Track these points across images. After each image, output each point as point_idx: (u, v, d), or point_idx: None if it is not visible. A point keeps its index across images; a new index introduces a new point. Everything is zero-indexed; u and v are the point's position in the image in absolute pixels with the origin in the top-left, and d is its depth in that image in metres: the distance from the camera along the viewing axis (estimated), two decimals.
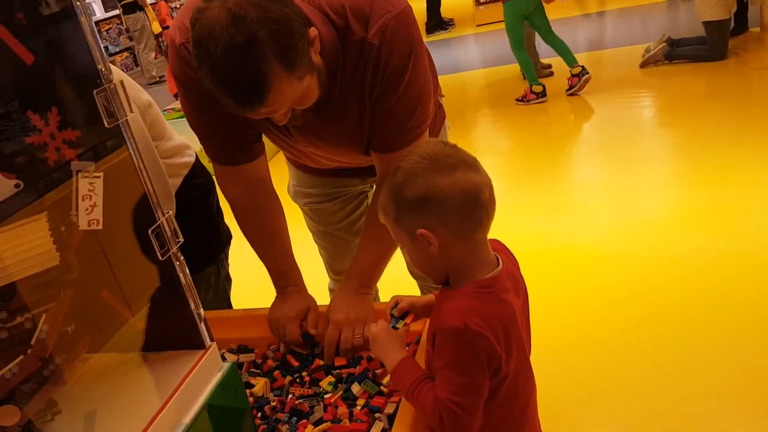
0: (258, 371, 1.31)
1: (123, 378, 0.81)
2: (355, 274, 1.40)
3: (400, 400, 1.11)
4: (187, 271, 0.82)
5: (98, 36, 0.73)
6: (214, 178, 1.54)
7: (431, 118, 1.37)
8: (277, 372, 1.28)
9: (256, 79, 1.01)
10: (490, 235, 1.02)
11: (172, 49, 1.27)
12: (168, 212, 0.80)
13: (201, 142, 1.39)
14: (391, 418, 1.10)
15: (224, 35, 0.97)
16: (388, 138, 1.30)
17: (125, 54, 10.11)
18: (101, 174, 0.75)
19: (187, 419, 0.73)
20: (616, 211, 3.16)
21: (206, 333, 0.82)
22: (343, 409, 1.14)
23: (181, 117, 4.51)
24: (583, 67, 4.90)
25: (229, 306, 1.77)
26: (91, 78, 0.73)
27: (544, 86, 5.00)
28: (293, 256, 1.47)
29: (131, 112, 0.75)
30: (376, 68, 1.20)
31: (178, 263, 0.80)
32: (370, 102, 1.25)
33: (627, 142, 3.96)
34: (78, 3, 0.71)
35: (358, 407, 1.15)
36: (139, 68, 9.84)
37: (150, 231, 0.76)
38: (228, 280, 1.77)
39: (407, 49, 1.21)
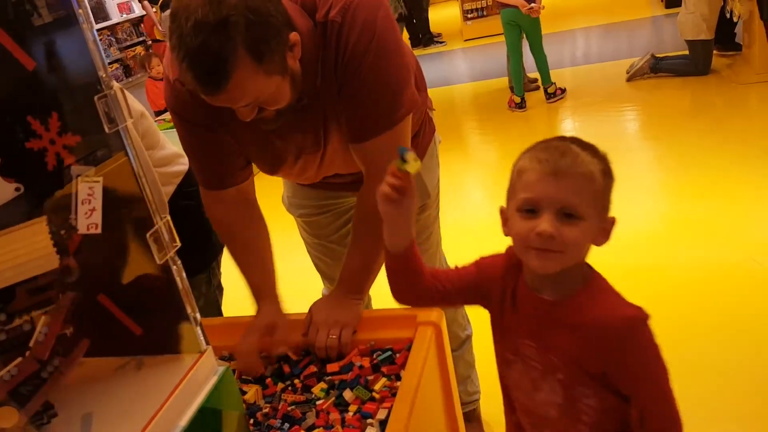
0: (249, 378, 1.31)
1: (119, 381, 0.82)
2: (343, 280, 1.40)
3: (392, 406, 1.12)
4: (184, 275, 0.82)
5: (99, 43, 0.75)
6: None
7: (408, 109, 1.33)
8: (268, 379, 1.29)
9: (219, 60, 1.03)
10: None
11: (167, 85, 1.31)
12: (165, 217, 0.81)
13: (192, 167, 1.42)
14: (383, 423, 1.11)
15: (198, 11, 1.00)
16: (358, 126, 1.29)
17: (115, 65, 10.13)
18: (100, 178, 0.76)
19: (183, 422, 0.74)
20: None
21: (202, 337, 0.83)
22: (335, 416, 1.15)
23: (173, 127, 4.54)
24: (555, 86, 5.12)
25: (220, 314, 1.77)
26: (92, 84, 0.74)
27: (523, 98, 5.14)
28: (274, 274, 1.45)
29: (131, 117, 0.77)
30: (338, 46, 1.20)
31: (175, 267, 0.81)
32: (336, 86, 1.24)
33: (613, 155, 3.99)
34: (80, 10, 0.72)
35: (350, 413, 1.15)
36: (130, 79, 9.85)
37: (148, 235, 0.77)
38: (219, 288, 1.77)
39: (370, 28, 1.21)
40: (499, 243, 1.05)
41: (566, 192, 0.90)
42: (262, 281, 1.42)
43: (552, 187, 0.90)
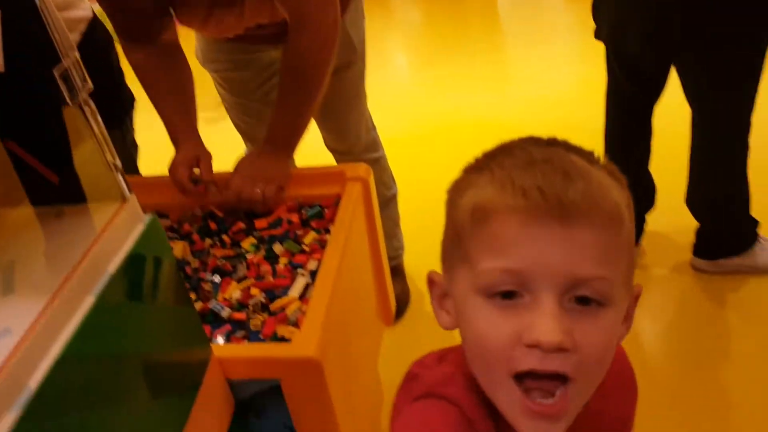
0: (175, 235, 1.29)
1: (40, 230, 0.78)
2: (271, 137, 1.36)
3: (322, 257, 1.14)
4: (100, 119, 0.77)
5: None
6: (113, 34, 1.44)
7: None
8: (195, 236, 1.27)
9: None
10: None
11: None
12: (74, 53, 0.74)
13: (110, 20, 1.33)
14: (313, 274, 1.13)
15: None
16: None
17: None
18: None
19: (112, 268, 0.72)
20: (527, 83, 3.23)
21: (124, 185, 0.79)
22: (266, 267, 1.16)
23: None
24: None
25: (137, 172, 1.70)
26: None
27: None
28: (196, 117, 1.41)
29: None
30: None
31: (89, 109, 0.75)
32: None
33: (537, 18, 3.99)
34: None
35: (281, 265, 1.17)
36: None
37: (56, 72, 0.70)
38: (134, 146, 1.69)
39: None
40: (417, 106, 1.02)
41: (582, 254, 0.48)
42: (183, 122, 1.37)
43: (555, 248, 0.48)
